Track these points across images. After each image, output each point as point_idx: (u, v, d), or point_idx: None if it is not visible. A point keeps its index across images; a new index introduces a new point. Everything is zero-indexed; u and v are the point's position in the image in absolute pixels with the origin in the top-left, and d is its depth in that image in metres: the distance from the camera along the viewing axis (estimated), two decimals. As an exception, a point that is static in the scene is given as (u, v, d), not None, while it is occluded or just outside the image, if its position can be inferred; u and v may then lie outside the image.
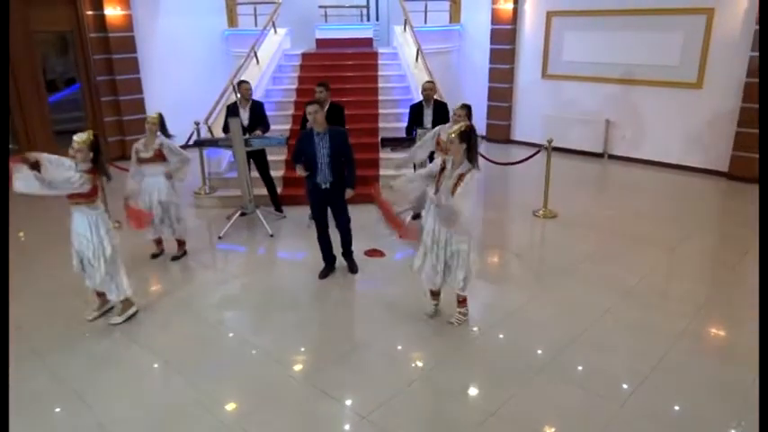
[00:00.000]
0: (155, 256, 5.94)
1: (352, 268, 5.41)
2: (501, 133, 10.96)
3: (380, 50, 9.90)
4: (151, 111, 10.04)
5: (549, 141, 6.95)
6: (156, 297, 5.13)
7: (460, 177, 4.04)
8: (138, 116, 10.04)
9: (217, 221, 6.87)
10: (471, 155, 4.15)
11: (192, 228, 6.84)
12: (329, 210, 5.24)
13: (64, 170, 4.20)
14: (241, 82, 6.81)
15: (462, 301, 4.55)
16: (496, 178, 8.68)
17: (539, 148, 7.29)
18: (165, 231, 5.83)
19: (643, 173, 8.96)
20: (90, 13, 9.23)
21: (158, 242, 5.97)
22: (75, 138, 4.17)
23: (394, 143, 6.27)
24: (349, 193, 5.11)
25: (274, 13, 9.47)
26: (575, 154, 9.86)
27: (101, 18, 9.30)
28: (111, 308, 4.73)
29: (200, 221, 7.14)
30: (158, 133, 5.58)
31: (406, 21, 9.40)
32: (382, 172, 7.75)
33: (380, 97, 8.90)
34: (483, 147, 10.78)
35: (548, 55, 10.03)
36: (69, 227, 4.44)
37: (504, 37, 10.37)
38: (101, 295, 4.72)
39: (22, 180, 4.00)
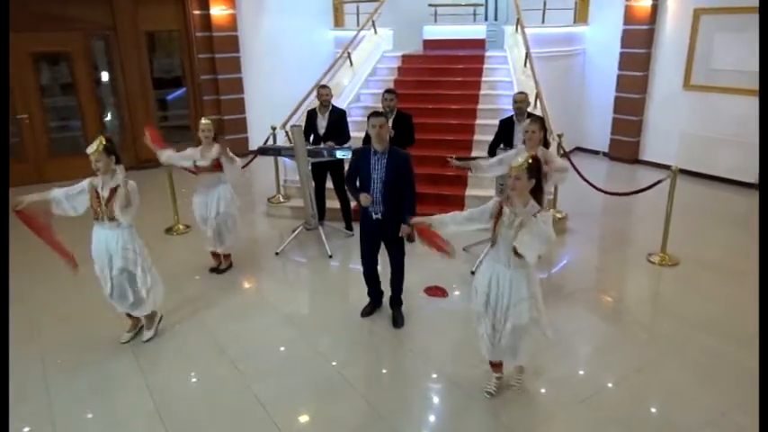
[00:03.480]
0: (213, 269, 5.58)
1: (397, 321, 4.54)
2: (627, 151, 9.40)
3: (488, 54, 8.89)
4: (251, 111, 10.23)
5: (674, 169, 5.55)
6: (185, 316, 4.73)
7: (522, 225, 3.10)
8: (238, 116, 10.08)
9: (286, 233, 6.40)
10: (539, 195, 3.19)
11: (258, 238, 6.49)
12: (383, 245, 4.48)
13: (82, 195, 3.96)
14: (321, 86, 6.28)
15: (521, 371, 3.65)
16: (608, 208, 7.30)
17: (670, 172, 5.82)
18: (217, 244, 5.45)
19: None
20: (197, 12, 9.30)
21: (216, 255, 5.60)
22: (88, 150, 3.82)
23: (469, 164, 5.30)
24: (404, 229, 4.21)
25: (375, 13, 8.87)
26: (718, 182, 8.14)
27: (206, 17, 9.35)
28: (142, 327, 4.41)
29: (268, 231, 6.77)
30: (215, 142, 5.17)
31: (518, 20, 8.30)
32: (469, 192, 6.83)
33: (480, 106, 7.92)
34: (605, 165, 9.39)
35: (692, 61, 8.35)
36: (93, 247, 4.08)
37: (639, 39, 8.83)
38: (133, 317, 4.39)
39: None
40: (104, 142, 3.83)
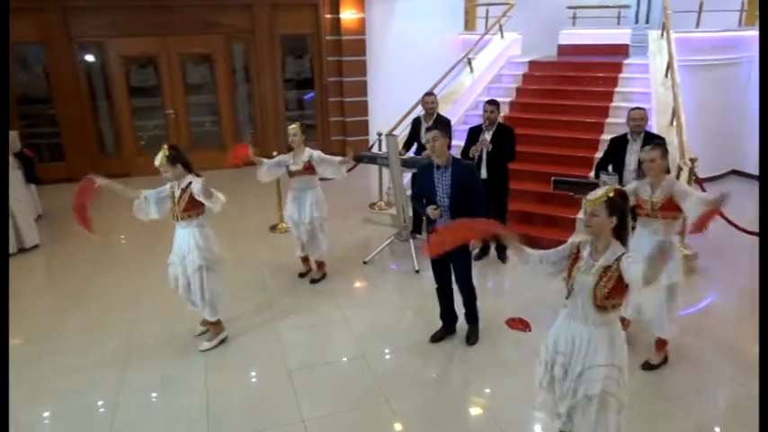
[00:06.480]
0: (302, 275, 5.61)
1: (469, 338, 4.29)
2: (794, 179, 7.89)
3: (627, 61, 8.00)
4: (373, 114, 10.26)
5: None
6: (260, 317, 4.82)
7: (606, 271, 2.64)
8: (361, 118, 10.19)
9: (381, 241, 6.26)
10: (623, 234, 2.70)
11: (353, 243, 6.44)
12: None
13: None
14: (426, 94, 6.08)
15: None
16: (753, 246, 6.10)
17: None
18: (310, 250, 5.47)
19: None
20: (328, 16, 9.57)
21: (305, 260, 5.65)
22: (155, 163, 3.98)
23: (572, 187, 4.75)
24: (474, 245, 3.95)
25: (502, 16, 8.42)
26: None
27: (336, 21, 9.58)
28: (207, 330, 4.50)
29: (364, 238, 6.70)
30: (305, 146, 5.21)
31: (664, 23, 7.34)
32: (582, 215, 6.14)
33: (609, 120, 7.15)
34: (755, 196, 8.00)
35: None
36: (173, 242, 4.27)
37: (822, 46, 7.35)
38: None
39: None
40: (167, 153, 3.93)
